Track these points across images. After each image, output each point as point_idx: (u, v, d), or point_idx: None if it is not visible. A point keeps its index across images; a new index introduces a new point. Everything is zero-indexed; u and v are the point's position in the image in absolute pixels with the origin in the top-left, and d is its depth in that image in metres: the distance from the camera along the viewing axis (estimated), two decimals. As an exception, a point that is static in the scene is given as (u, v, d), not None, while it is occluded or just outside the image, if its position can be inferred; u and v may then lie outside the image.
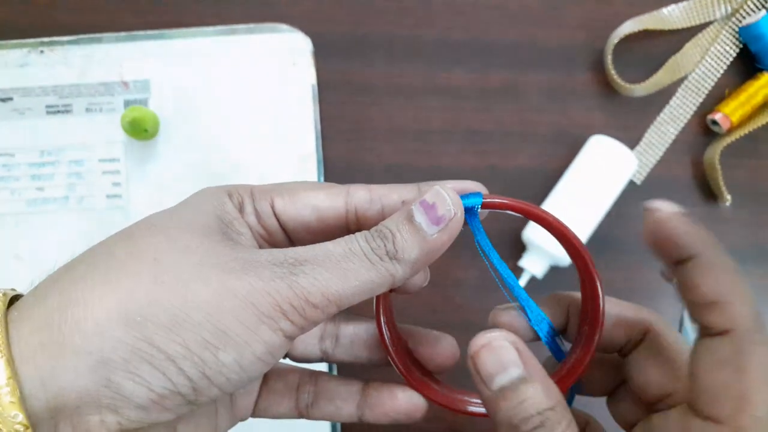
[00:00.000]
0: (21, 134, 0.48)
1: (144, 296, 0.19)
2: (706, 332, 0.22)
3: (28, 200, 0.47)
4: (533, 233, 0.45)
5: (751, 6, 0.49)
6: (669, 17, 0.50)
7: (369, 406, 0.27)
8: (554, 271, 0.46)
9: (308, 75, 0.49)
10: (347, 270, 0.21)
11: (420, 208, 0.22)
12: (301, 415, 0.27)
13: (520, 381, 0.22)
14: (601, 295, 0.26)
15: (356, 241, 0.21)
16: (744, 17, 0.49)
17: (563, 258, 0.45)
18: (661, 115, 0.49)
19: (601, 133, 0.47)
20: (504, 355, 0.22)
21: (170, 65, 0.48)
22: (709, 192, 0.49)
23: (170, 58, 0.48)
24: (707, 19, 0.50)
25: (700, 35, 0.50)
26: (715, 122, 0.49)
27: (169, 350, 0.19)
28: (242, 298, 0.20)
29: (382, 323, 0.26)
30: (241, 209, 0.24)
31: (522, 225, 0.46)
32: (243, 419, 0.27)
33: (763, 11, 0.48)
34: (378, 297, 0.25)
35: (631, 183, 0.49)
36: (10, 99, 0.48)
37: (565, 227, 0.25)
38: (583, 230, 0.45)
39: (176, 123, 0.48)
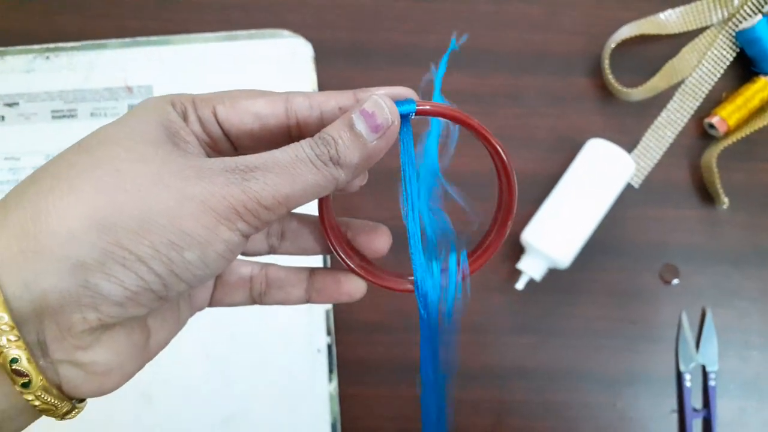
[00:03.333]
0: (27, 139, 0.48)
1: (111, 204, 0.20)
2: None
3: (34, 204, 0.47)
4: (532, 236, 0.46)
5: (747, 11, 0.49)
6: (666, 22, 0.50)
7: (316, 291, 0.30)
8: (552, 273, 0.47)
9: (309, 80, 0.49)
10: (295, 175, 0.22)
11: (360, 116, 0.23)
12: (254, 302, 0.30)
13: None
14: (514, 183, 0.28)
15: (302, 148, 0.23)
16: (740, 22, 0.50)
17: (561, 260, 0.45)
18: (659, 118, 0.50)
19: (599, 136, 0.47)
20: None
21: (173, 71, 0.49)
22: (706, 195, 0.49)
23: (173, 63, 0.49)
24: (704, 24, 0.51)
25: (696, 40, 0.51)
26: (712, 126, 0.49)
27: (139, 252, 0.21)
28: (200, 203, 0.21)
29: (325, 218, 0.28)
30: (185, 118, 0.25)
31: (521, 228, 0.47)
32: (200, 309, 0.29)
33: (759, 16, 0.48)
34: None
35: (629, 186, 0.49)
36: (16, 104, 0.49)
37: (484, 129, 0.28)
38: (581, 233, 0.46)
39: (179, 127, 0.48)
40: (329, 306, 0.46)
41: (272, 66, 0.49)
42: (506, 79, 0.51)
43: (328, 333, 0.46)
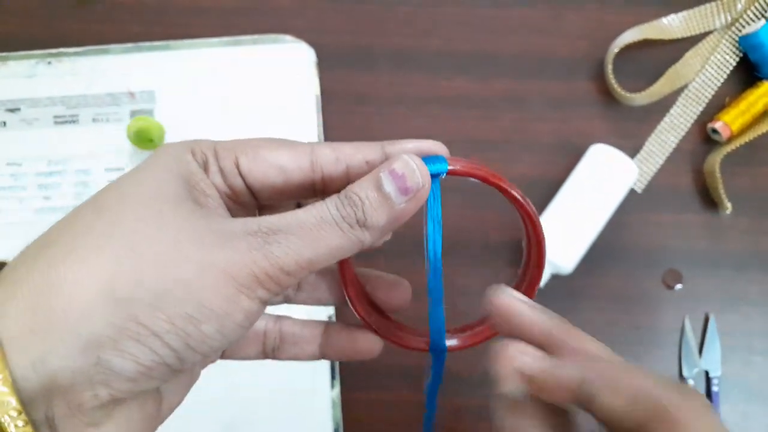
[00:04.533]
0: (29, 144, 0.48)
1: (126, 276, 0.19)
2: None
3: (36, 209, 0.47)
4: (535, 241, 0.46)
5: (751, 15, 0.49)
6: (669, 27, 0.50)
7: (330, 347, 0.29)
8: (555, 279, 0.47)
9: (312, 85, 0.49)
10: (319, 238, 0.22)
11: (389, 176, 0.22)
12: (266, 357, 0.29)
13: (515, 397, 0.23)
14: (545, 248, 0.29)
15: (327, 208, 0.22)
16: (744, 26, 0.50)
17: (565, 266, 0.45)
18: (662, 123, 0.50)
19: (601, 141, 0.47)
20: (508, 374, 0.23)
21: (176, 76, 0.49)
22: (709, 200, 0.49)
23: (176, 69, 0.49)
24: (707, 29, 0.50)
25: (700, 44, 0.51)
26: (715, 131, 0.49)
27: (155, 326, 0.20)
28: (221, 273, 0.20)
29: (345, 273, 0.27)
30: (205, 168, 0.24)
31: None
32: (213, 362, 0.28)
33: (763, 21, 0.48)
34: None
35: (632, 191, 0.49)
36: (18, 109, 0.48)
37: (517, 192, 0.27)
38: (584, 238, 0.46)
39: (181, 132, 0.48)
40: (331, 311, 0.46)
41: (275, 71, 0.49)
42: (509, 84, 0.51)
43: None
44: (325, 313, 0.46)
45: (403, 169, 0.23)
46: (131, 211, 0.21)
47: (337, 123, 0.50)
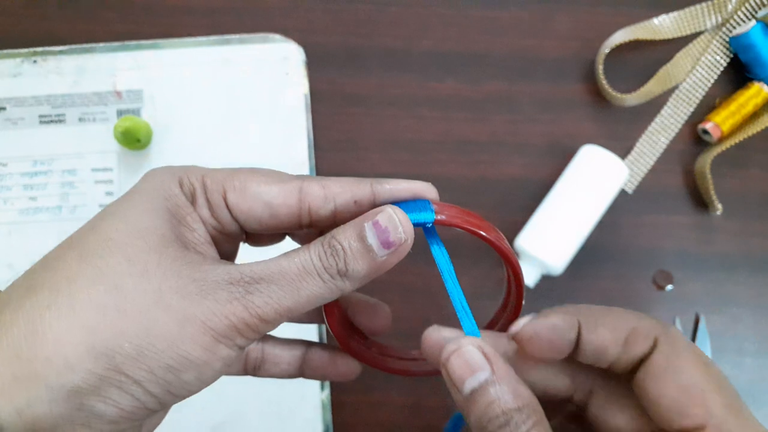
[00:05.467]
0: (14, 144, 0.48)
1: (109, 329, 0.20)
2: None
3: (21, 210, 0.47)
4: (525, 243, 0.45)
5: (741, 16, 0.49)
6: (660, 27, 0.50)
7: (310, 369, 0.30)
8: (546, 279, 0.47)
9: (301, 85, 0.49)
10: (300, 288, 0.22)
11: (373, 228, 0.23)
12: (247, 374, 0.30)
13: (488, 383, 0.22)
14: (522, 304, 0.28)
15: (310, 258, 0.22)
16: (734, 27, 0.50)
17: (555, 267, 0.45)
18: (652, 124, 0.50)
19: (592, 142, 0.47)
20: (472, 359, 0.23)
21: (163, 75, 0.49)
22: (700, 201, 0.49)
23: (163, 68, 0.49)
24: (698, 30, 0.50)
25: (690, 45, 0.50)
26: (705, 131, 0.49)
27: (136, 376, 0.20)
28: (201, 325, 0.21)
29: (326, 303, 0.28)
30: (193, 199, 0.24)
31: (513, 235, 0.46)
32: None
33: (753, 21, 0.48)
34: None
35: (623, 192, 0.49)
36: (3, 109, 0.48)
37: (506, 248, 0.26)
38: (574, 239, 0.45)
39: (169, 133, 0.48)
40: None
41: (264, 70, 0.49)
42: (499, 85, 0.50)
43: (320, 340, 0.46)
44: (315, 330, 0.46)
45: (387, 223, 0.23)
46: (116, 258, 0.21)
47: (326, 123, 0.49)
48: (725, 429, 0.21)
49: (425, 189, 0.25)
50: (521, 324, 0.25)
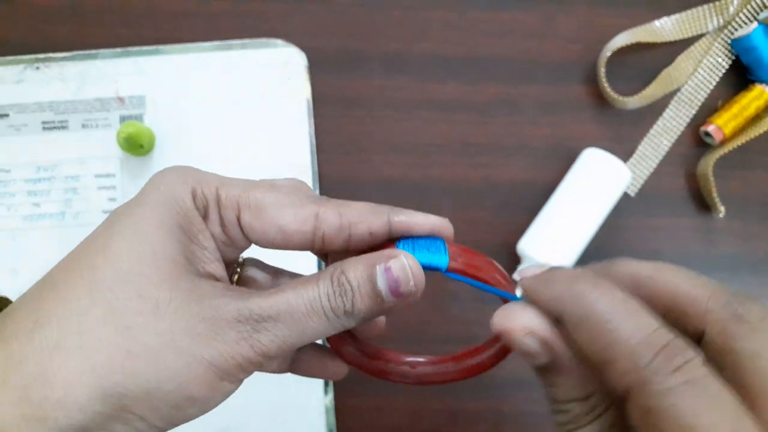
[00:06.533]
0: (17, 150, 0.48)
1: (119, 371, 0.20)
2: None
3: (25, 216, 0.47)
4: (528, 246, 0.45)
5: (743, 18, 0.49)
6: (661, 30, 0.50)
7: (300, 367, 0.30)
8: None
9: (303, 89, 0.49)
10: (306, 326, 0.22)
11: (384, 275, 0.23)
12: None
13: (548, 367, 0.21)
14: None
15: (319, 297, 0.22)
16: (736, 29, 0.50)
17: (558, 271, 0.45)
18: (655, 127, 0.50)
19: (594, 145, 0.47)
20: (521, 348, 0.21)
21: (165, 81, 0.49)
22: (702, 203, 0.49)
23: (165, 73, 0.49)
24: (699, 32, 0.50)
25: (692, 47, 0.50)
26: (708, 134, 0.49)
27: (142, 413, 0.21)
28: (208, 365, 0.21)
29: None
30: (205, 214, 0.24)
31: (516, 238, 0.46)
32: None
33: (755, 23, 0.48)
34: None
35: (625, 195, 0.49)
36: (6, 115, 0.48)
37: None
38: (577, 243, 0.45)
39: (171, 138, 0.48)
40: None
41: (266, 75, 0.49)
42: (501, 88, 0.50)
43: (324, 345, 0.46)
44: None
45: (399, 273, 0.23)
46: (127, 293, 0.21)
47: (329, 127, 0.49)
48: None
49: (441, 225, 0.26)
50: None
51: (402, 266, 0.23)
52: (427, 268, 0.24)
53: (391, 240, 0.25)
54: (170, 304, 0.21)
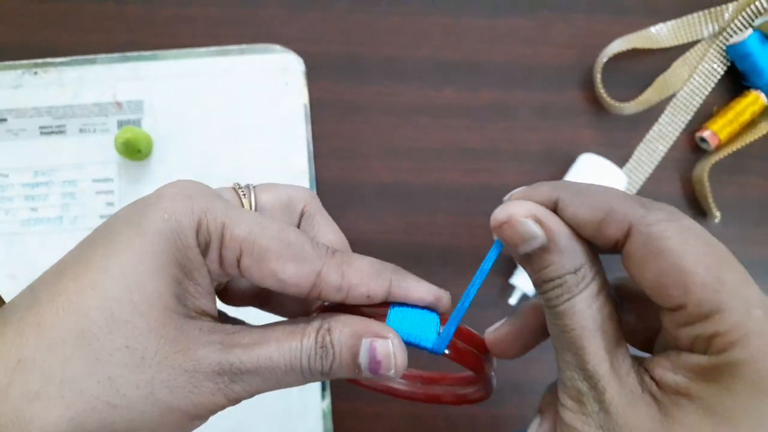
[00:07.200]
0: (15, 155, 0.48)
1: (97, 421, 0.21)
2: None
3: (22, 220, 0.47)
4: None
5: (738, 25, 0.50)
6: (657, 36, 0.50)
7: None
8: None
9: (301, 95, 0.49)
10: (281, 380, 0.23)
11: (367, 353, 0.23)
12: None
13: (543, 250, 0.22)
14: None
15: (300, 358, 0.23)
16: (731, 36, 0.50)
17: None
18: (650, 132, 0.50)
19: (590, 151, 0.47)
20: (525, 231, 0.22)
21: (163, 86, 0.49)
22: (698, 209, 0.49)
23: (164, 78, 0.49)
24: (695, 38, 0.51)
25: (688, 54, 0.51)
26: (703, 140, 0.49)
27: None
28: (182, 413, 0.22)
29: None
30: (205, 250, 0.23)
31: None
32: None
33: (750, 30, 0.49)
34: None
35: (621, 200, 0.49)
36: (4, 120, 0.48)
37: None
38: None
39: (169, 143, 0.48)
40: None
41: (263, 80, 0.49)
42: (497, 93, 0.51)
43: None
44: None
45: (382, 356, 0.23)
46: (115, 343, 0.21)
47: (326, 132, 0.50)
48: (704, 304, 0.20)
49: (441, 300, 0.26)
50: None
51: (387, 352, 0.23)
52: (413, 346, 0.24)
53: (385, 303, 0.25)
54: (155, 356, 0.21)
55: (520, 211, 0.23)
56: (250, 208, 0.27)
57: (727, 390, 0.19)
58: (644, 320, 0.25)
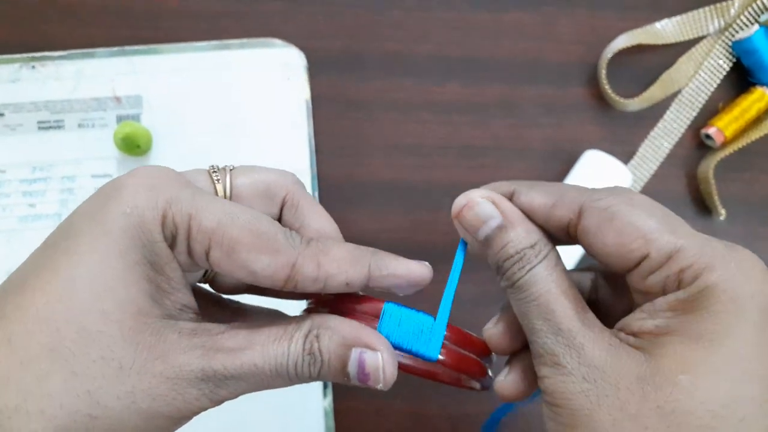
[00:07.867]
0: (12, 150, 0.47)
1: (79, 428, 0.20)
2: None
3: (20, 217, 0.46)
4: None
5: (744, 20, 0.49)
6: (662, 32, 0.50)
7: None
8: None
9: (302, 90, 0.48)
10: (267, 384, 0.22)
11: (356, 363, 0.23)
12: None
13: (500, 229, 0.24)
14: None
15: (286, 364, 0.22)
16: (737, 32, 0.49)
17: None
18: (655, 129, 0.49)
19: (595, 147, 0.47)
20: (482, 210, 0.24)
21: (163, 80, 0.48)
22: (703, 206, 0.49)
23: (163, 73, 0.48)
24: (700, 34, 0.50)
25: (693, 50, 0.50)
26: (708, 136, 0.49)
27: None
28: (167, 419, 0.22)
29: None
30: (173, 242, 0.22)
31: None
32: None
33: (756, 26, 0.48)
34: None
35: (626, 197, 0.49)
36: (2, 115, 0.47)
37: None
38: (577, 246, 0.45)
39: (169, 138, 0.47)
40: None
41: (265, 75, 0.49)
42: (501, 89, 0.50)
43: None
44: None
45: (371, 369, 0.23)
46: (90, 355, 0.20)
47: (328, 128, 0.49)
48: (665, 246, 0.21)
49: (421, 275, 0.25)
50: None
51: (376, 366, 0.23)
52: (406, 352, 0.24)
53: (379, 299, 0.25)
54: (134, 365, 0.21)
55: (477, 195, 0.25)
56: (224, 194, 0.26)
57: (706, 312, 0.20)
58: (620, 298, 0.27)
